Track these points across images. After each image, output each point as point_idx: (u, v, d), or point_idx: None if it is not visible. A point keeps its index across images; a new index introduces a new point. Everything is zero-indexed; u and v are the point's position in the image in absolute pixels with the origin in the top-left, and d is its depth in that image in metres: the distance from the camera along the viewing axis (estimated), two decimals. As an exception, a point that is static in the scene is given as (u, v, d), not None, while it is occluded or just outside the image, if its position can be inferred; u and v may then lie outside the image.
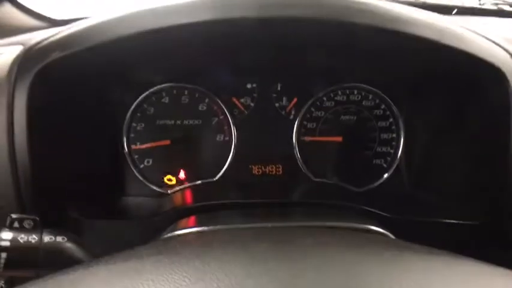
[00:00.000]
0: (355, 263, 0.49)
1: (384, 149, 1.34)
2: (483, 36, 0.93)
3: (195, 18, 0.85)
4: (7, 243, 0.71)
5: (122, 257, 0.53)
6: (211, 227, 0.83)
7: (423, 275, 0.47)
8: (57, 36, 0.91)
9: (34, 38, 0.94)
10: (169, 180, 1.31)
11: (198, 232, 0.84)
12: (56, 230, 0.76)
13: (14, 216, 0.74)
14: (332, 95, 1.33)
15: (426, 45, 0.89)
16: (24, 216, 0.74)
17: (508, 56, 0.92)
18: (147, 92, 1.29)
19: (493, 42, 0.93)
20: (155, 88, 1.30)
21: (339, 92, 1.33)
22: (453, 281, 0.47)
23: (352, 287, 0.44)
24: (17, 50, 0.92)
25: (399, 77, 1.28)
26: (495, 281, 0.49)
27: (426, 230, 1.06)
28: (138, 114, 1.30)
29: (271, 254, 0.50)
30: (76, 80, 1.03)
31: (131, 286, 0.43)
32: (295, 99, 1.33)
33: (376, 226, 0.87)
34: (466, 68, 0.99)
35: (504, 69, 0.90)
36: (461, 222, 1.02)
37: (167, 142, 1.30)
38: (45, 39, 0.92)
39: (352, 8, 0.85)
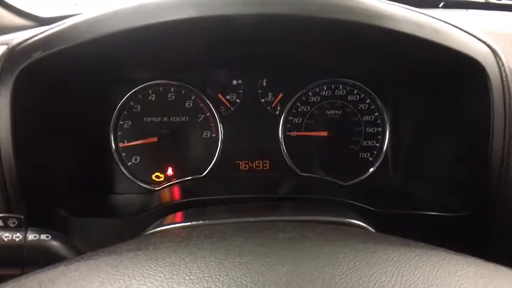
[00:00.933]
0: (330, 256, 0.50)
1: (370, 143, 1.35)
2: (464, 30, 0.93)
3: (181, 15, 0.85)
4: (-9, 242, 0.72)
5: (102, 253, 0.53)
6: (194, 223, 0.84)
7: (395, 265, 0.49)
8: (40, 36, 0.91)
9: (18, 37, 0.94)
10: (157, 177, 1.32)
11: (180, 228, 0.85)
12: (40, 228, 0.77)
13: (-2, 215, 0.75)
14: (317, 90, 1.34)
15: (406, 40, 0.90)
16: (8, 215, 0.75)
17: (488, 50, 0.93)
18: (133, 90, 1.30)
19: (474, 36, 0.93)
20: (141, 86, 1.30)
21: (324, 87, 1.34)
22: (424, 270, 0.48)
23: (325, 279, 0.45)
24: (0, 50, 0.92)
25: (383, 71, 1.29)
26: (467, 270, 0.50)
27: (412, 223, 1.07)
28: (125, 112, 1.31)
29: (246, 248, 0.51)
30: (60, 79, 1.03)
31: (107, 281, 0.44)
32: (280, 95, 1.34)
33: (357, 220, 0.88)
34: (446, 63, 1.00)
35: (484, 63, 0.91)
36: (446, 214, 1.03)
37: (154, 139, 1.30)
38: (29, 38, 0.92)
39: (332, 4, 0.86)
